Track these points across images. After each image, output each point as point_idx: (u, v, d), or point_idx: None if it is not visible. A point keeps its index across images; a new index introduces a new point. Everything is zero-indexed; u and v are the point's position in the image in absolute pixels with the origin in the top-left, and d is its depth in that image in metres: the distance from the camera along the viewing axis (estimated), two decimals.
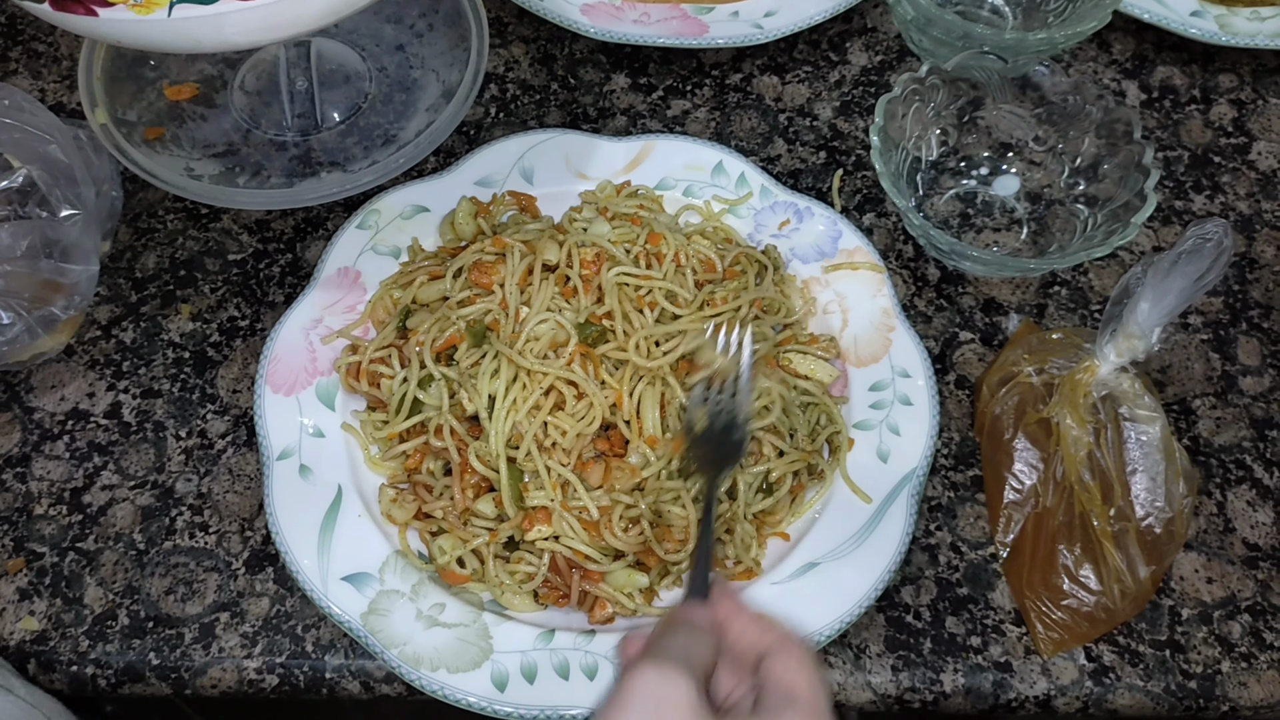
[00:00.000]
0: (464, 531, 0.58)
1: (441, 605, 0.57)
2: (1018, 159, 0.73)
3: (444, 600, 0.57)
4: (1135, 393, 0.61)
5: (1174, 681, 0.58)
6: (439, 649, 0.55)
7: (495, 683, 0.55)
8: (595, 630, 0.57)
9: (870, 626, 0.59)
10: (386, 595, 0.57)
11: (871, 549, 0.58)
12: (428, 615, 0.56)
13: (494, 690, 0.54)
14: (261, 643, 0.58)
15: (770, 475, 0.59)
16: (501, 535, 0.58)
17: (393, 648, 0.55)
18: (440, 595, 0.57)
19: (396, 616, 0.56)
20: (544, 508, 0.57)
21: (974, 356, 0.68)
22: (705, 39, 0.77)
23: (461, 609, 0.57)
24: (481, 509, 0.58)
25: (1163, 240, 0.73)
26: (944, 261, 0.71)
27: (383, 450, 0.62)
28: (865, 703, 0.58)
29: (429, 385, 0.60)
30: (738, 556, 0.59)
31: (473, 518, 0.58)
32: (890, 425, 0.62)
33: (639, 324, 0.61)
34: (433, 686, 0.54)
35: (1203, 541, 0.62)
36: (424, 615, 0.56)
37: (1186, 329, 0.69)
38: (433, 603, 0.57)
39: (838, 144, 0.76)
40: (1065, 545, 0.59)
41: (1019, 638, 0.59)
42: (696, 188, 0.70)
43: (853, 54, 0.81)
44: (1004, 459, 0.62)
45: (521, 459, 0.58)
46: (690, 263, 0.65)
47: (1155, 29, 0.79)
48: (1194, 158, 0.76)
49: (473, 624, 0.56)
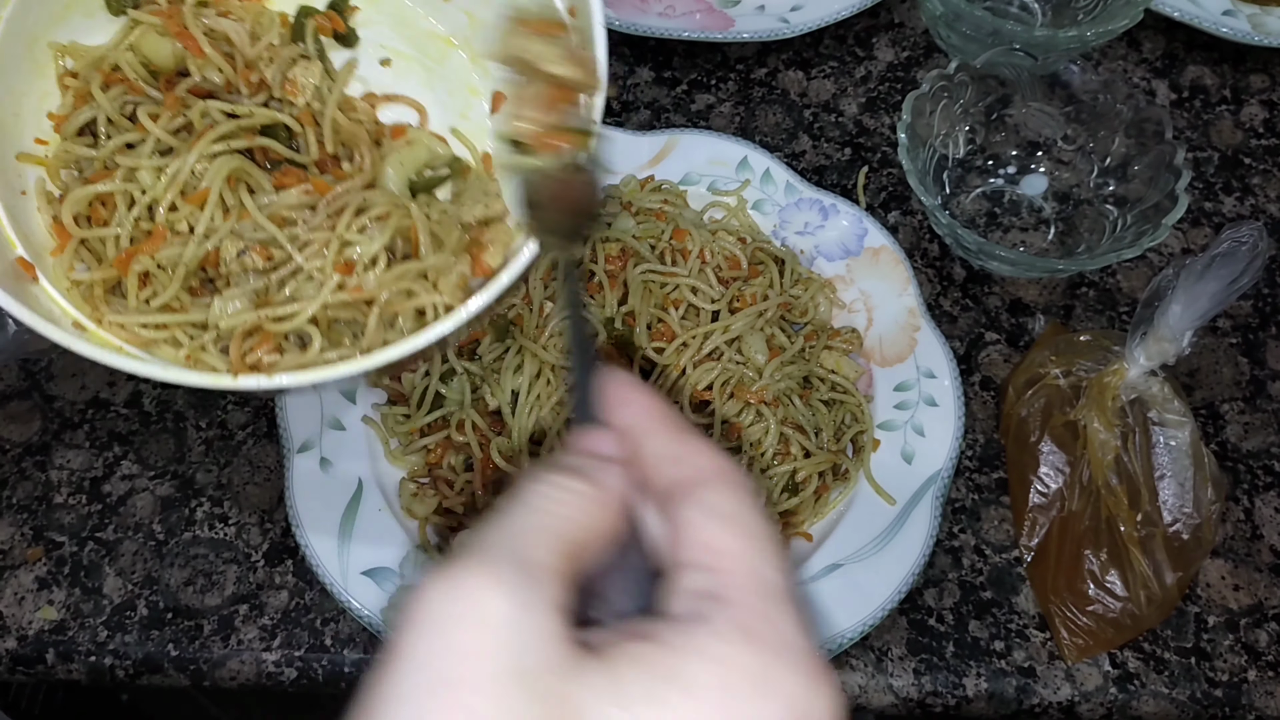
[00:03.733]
0: None
1: None
2: (1046, 158, 0.72)
3: None
4: (1165, 397, 0.60)
5: (1200, 689, 0.57)
6: None
7: None
8: None
9: (893, 629, 0.59)
10: (407, 590, 0.56)
11: (895, 551, 0.58)
12: None
13: None
14: (280, 635, 0.58)
15: (796, 475, 0.59)
16: None
17: None
18: None
19: None
20: None
21: (999, 357, 0.67)
22: (731, 33, 0.76)
23: None
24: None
25: (1192, 242, 0.72)
26: (970, 261, 0.70)
27: (404, 444, 0.61)
28: (887, 706, 0.58)
29: (451, 380, 0.60)
30: None
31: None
32: (915, 426, 0.62)
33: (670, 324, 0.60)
34: None
35: (1230, 548, 0.61)
36: None
37: (1215, 333, 0.68)
38: None
39: (863, 140, 0.75)
40: (1091, 550, 0.59)
41: (1043, 643, 0.58)
42: (721, 183, 0.70)
43: (879, 50, 0.80)
44: (1029, 462, 0.62)
45: (545, 455, 0.57)
46: (715, 259, 0.64)
47: (1186, 28, 0.78)
48: (1224, 159, 0.75)
49: None
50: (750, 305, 0.62)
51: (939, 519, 0.59)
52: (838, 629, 0.55)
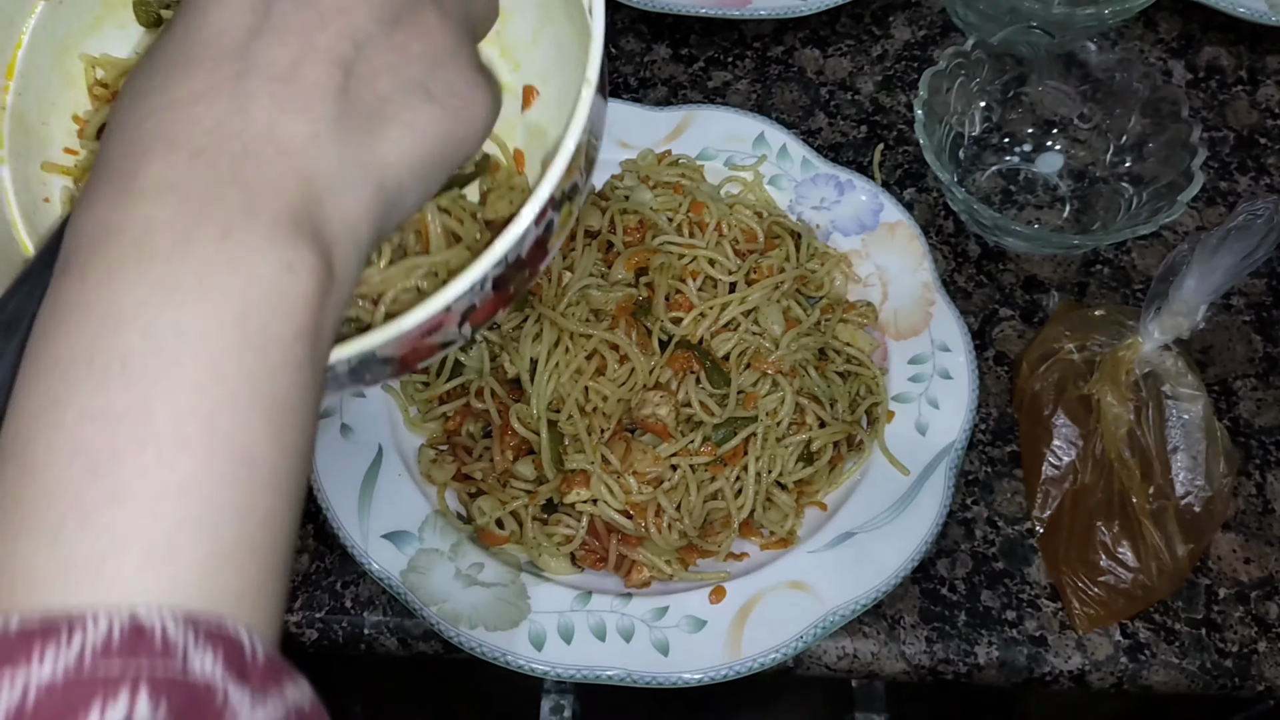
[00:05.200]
0: (503, 493, 0.59)
1: (480, 565, 0.57)
2: (1062, 136, 0.73)
3: (482, 560, 0.58)
4: (1178, 371, 0.61)
5: (1209, 660, 0.58)
6: (477, 607, 0.56)
7: (533, 642, 0.55)
8: (631, 594, 0.57)
9: (905, 598, 0.59)
10: (426, 554, 0.57)
11: (909, 521, 0.58)
12: (466, 574, 0.57)
13: (531, 649, 0.55)
14: (301, 598, 0.59)
15: (812, 445, 0.60)
16: (541, 498, 0.58)
17: (432, 605, 0.56)
18: (478, 555, 0.58)
19: (435, 575, 0.57)
20: (583, 471, 0.58)
21: (1013, 333, 0.68)
22: (748, 10, 0.76)
23: (499, 569, 0.57)
24: (521, 471, 0.58)
25: (1206, 221, 0.72)
26: (985, 238, 0.70)
27: (423, 412, 0.62)
28: (899, 673, 0.59)
29: (470, 348, 0.61)
30: (775, 526, 0.59)
31: (512, 479, 0.59)
32: (929, 398, 0.62)
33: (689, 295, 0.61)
34: (471, 644, 0.55)
35: (1241, 522, 0.62)
36: (462, 574, 0.57)
37: (1229, 310, 0.68)
38: (471, 562, 0.57)
39: (879, 118, 0.76)
40: (1103, 522, 0.59)
41: (1054, 613, 0.59)
42: (737, 158, 0.70)
43: (896, 28, 0.80)
44: (1043, 435, 0.62)
45: (564, 422, 0.58)
46: (732, 232, 0.65)
47: (1203, 8, 0.79)
48: (1239, 139, 0.75)
49: (511, 584, 0.57)
50: (767, 278, 0.63)
51: (952, 490, 0.59)
52: (852, 596, 0.56)
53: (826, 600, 0.56)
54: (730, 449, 0.58)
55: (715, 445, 0.58)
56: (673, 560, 0.58)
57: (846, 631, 0.58)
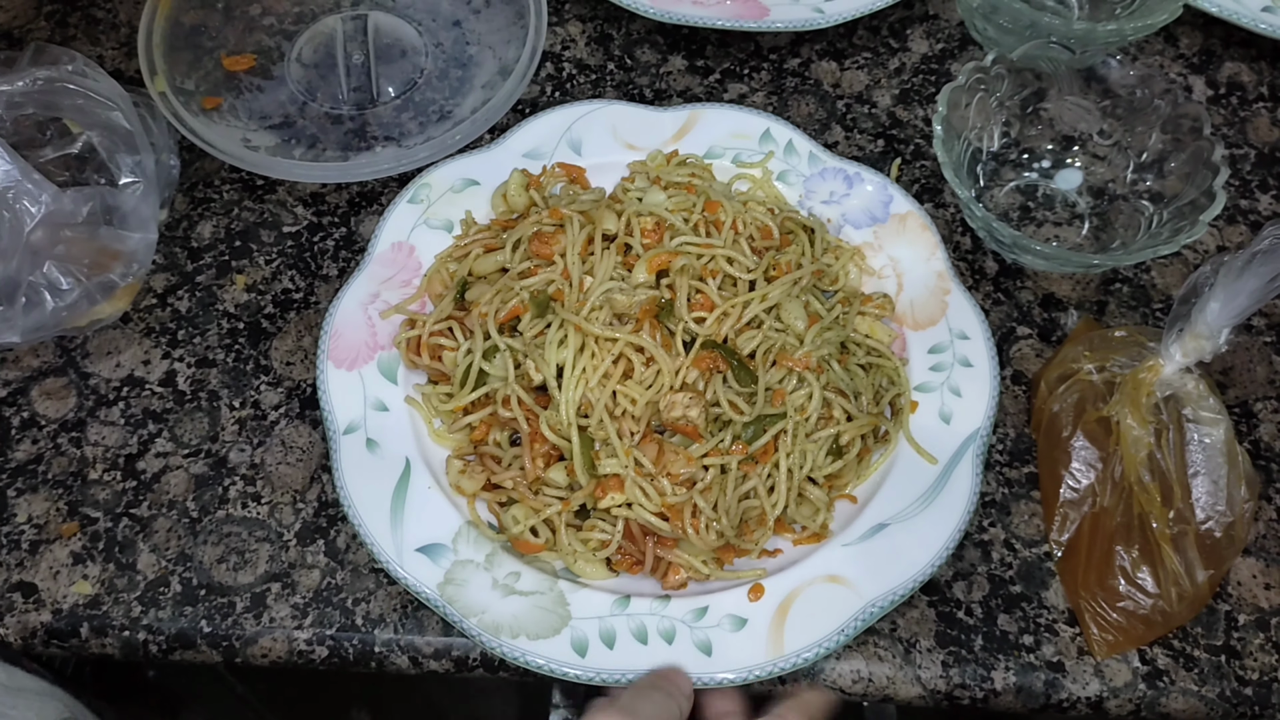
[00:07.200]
0: (535, 501, 0.58)
1: (517, 574, 0.57)
2: (1081, 152, 0.72)
3: (518, 569, 0.57)
4: (1200, 394, 0.60)
5: (1229, 687, 0.57)
6: (517, 616, 0.55)
7: (575, 648, 0.55)
8: (670, 596, 0.57)
9: (921, 621, 0.59)
10: (461, 565, 0.57)
11: (940, 508, 0.58)
12: (503, 584, 0.57)
13: (575, 655, 0.54)
14: (312, 614, 0.59)
15: (840, 439, 0.59)
16: (574, 504, 0.58)
17: (471, 616, 0.55)
18: (514, 564, 0.57)
19: (473, 586, 0.56)
20: (616, 475, 0.57)
21: (1031, 352, 0.67)
22: (765, 22, 0.76)
23: (536, 577, 0.57)
24: (553, 478, 0.58)
25: (1227, 240, 0.71)
26: (1003, 255, 0.70)
27: (447, 423, 0.62)
28: (914, 697, 0.58)
29: (493, 356, 0.60)
30: (807, 521, 0.59)
31: (544, 487, 0.59)
32: (951, 387, 0.62)
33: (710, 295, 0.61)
34: (514, 654, 0.54)
35: (1261, 547, 0.61)
36: (500, 584, 0.57)
37: (1250, 331, 0.68)
38: (508, 571, 0.57)
39: (896, 132, 0.75)
40: (1123, 546, 0.59)
41: (1072, 638, 0.58)
42: (745, 155, 0.70)
43: (913, 41, 0.80)
44: (1061, 457, 0.61)
45: (594, 427, 0.58)
46: (748, 230, 0.64)
47: (1224, 24, 0.78)
48: (1261, 156, 0.75)
49: (549, 591, 0.56)
50: (785, 274, 0.63)
51: (981, 475, 0.59)
52: (890, 586, 0.56)
53: (864, 593, 0.56)
54: (761, 446, 0.58)
55: (746, 444, 0.58)
56: (709, 560, 0.57)
57: (861, 654, 0.58)
